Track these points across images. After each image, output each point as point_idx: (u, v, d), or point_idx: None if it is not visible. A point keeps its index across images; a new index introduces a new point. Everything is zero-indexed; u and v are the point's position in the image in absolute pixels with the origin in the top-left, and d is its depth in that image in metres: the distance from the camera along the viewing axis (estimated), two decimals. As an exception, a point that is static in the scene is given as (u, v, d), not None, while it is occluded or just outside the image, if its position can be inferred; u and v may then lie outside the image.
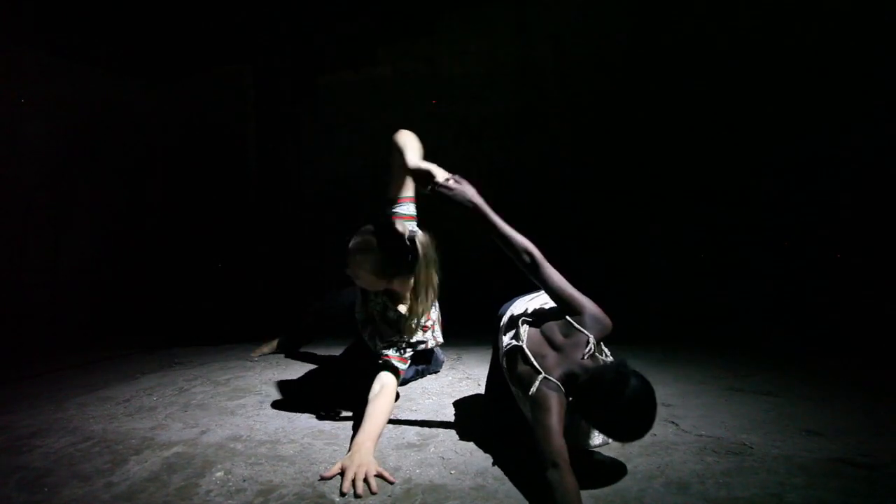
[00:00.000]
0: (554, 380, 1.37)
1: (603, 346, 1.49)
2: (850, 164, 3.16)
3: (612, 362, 1.37)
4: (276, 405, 1.98)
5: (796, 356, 2.56)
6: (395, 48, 4.28)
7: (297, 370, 2.48)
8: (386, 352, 1.77)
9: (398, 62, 4.29)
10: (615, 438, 1.35)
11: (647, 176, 3.65)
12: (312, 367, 2.55)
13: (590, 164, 3.75)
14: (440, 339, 1.98)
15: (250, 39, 4.50)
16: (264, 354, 2.78)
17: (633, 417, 1.26)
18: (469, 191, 1.53)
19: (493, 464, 1.44)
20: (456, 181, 1.53)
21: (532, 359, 1.44)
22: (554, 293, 1.52)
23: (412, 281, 1.80)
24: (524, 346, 1.48)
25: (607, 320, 1.48)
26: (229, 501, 1.27)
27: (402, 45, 4.26)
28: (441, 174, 1.56)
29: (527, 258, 1.51)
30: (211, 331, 3.48)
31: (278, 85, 4.59)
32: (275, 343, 2.80)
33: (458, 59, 4.12)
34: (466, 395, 2.09)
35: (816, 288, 3.21)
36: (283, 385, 2.24)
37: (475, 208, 1.51)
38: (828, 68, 3.21)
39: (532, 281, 1.55)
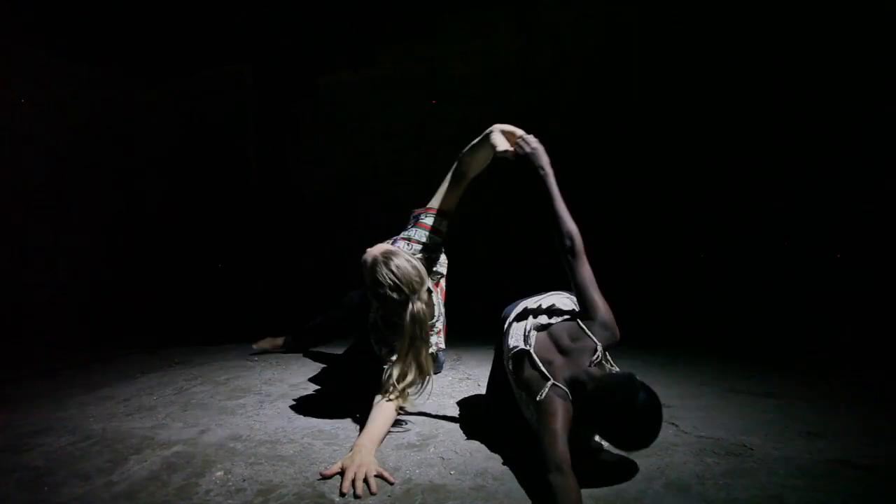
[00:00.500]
0: (562, 387, 1.37)
1: (608, 355, 1.49)
2: (849, 163, 3.16)
3: (619, 374, 1.37)
4: (275, 405, 1.97)
5: (797, 357, 2.56)
6: (395, 48, 4.28)
7: (297, 370, 2.48)
8: (389, 355, 1.76)
9: (398, 62, 4.29)
10: (620, 448, 1.35)
11: (646, 176, 3.65)
12: (313, 366, 2.55)
13: (589, 164, 3.75)
14: (442, 346, 1.97)
15: (250, 39, 4.50)
16: (265, 351, 2.78)
17: (639, 430, 1.27)
18: (545, 156, 1.65)
19: (494, 464, 1.45)
20: (534, 141, 1.67)
21: (540, 364, 1.44)
22: (578, 287, 1.53)
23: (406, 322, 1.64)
24: (532, 351, 1.48)
25: (616, 330, 1.49)
26: (229, 501, 1.27)
27: (402, 45, 4.26)
28: (523, 133, 1.72)
29: (568, 242, 1.53)
30: (211, 330, 3.47)
31: (278, 85, 4.59)
32: (278, 341, 2.79)
33: (458, 59, 4.12)
34: (466, 395, 2.09)
35: (816, 288, 3.21)
36: (282, 385, 2.24)
37: (545, 173, 1.62)
38: (831, 69, 3.22)
39: (564, 267, 1.55)
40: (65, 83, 3.82)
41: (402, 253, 1.68)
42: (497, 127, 1.78)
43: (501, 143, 1.73)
